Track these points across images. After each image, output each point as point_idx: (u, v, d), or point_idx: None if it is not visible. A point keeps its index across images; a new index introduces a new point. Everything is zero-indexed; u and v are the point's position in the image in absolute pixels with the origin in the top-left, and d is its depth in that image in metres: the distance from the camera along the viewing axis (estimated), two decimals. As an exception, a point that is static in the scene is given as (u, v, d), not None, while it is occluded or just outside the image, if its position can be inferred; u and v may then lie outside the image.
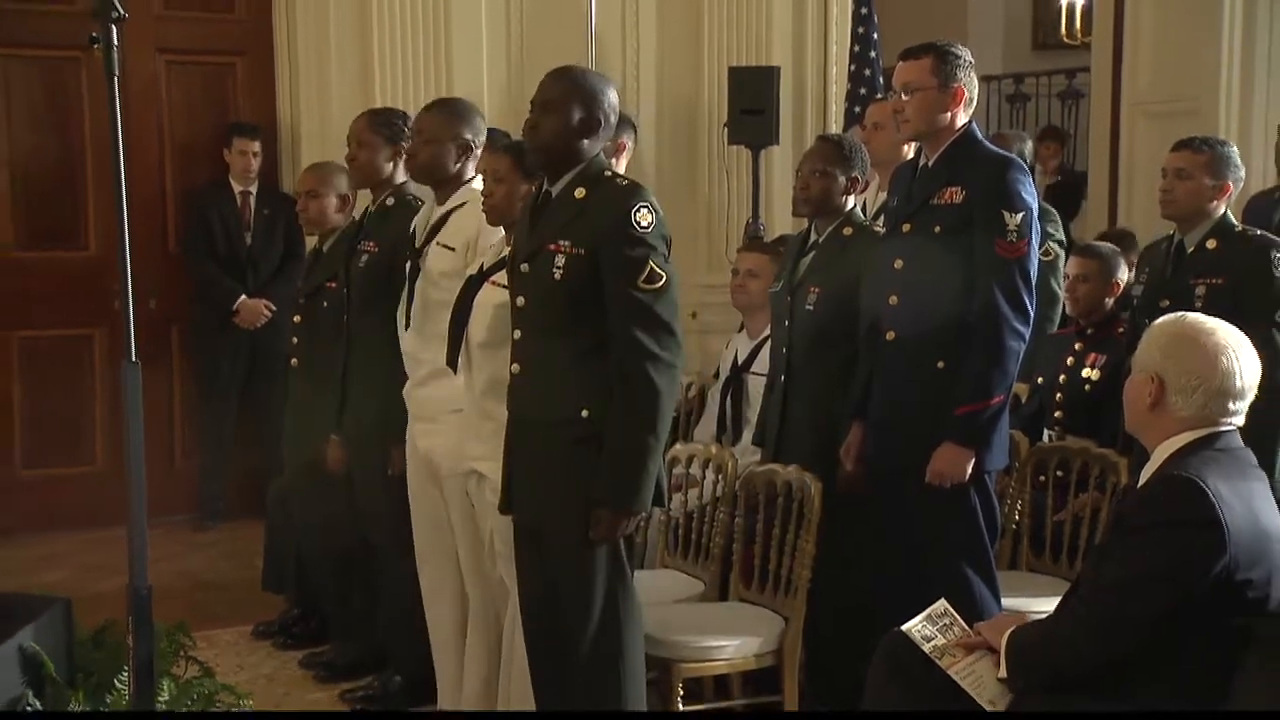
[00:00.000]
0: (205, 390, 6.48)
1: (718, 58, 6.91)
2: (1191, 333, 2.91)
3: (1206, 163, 4.19)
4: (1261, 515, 2.80)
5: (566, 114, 3.32)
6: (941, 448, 3.69)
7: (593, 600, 3.33)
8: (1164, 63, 8.09)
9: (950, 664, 2.97)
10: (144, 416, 5.54)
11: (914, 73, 3.79)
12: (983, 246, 3.68)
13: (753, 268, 4.85)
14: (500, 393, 3.52)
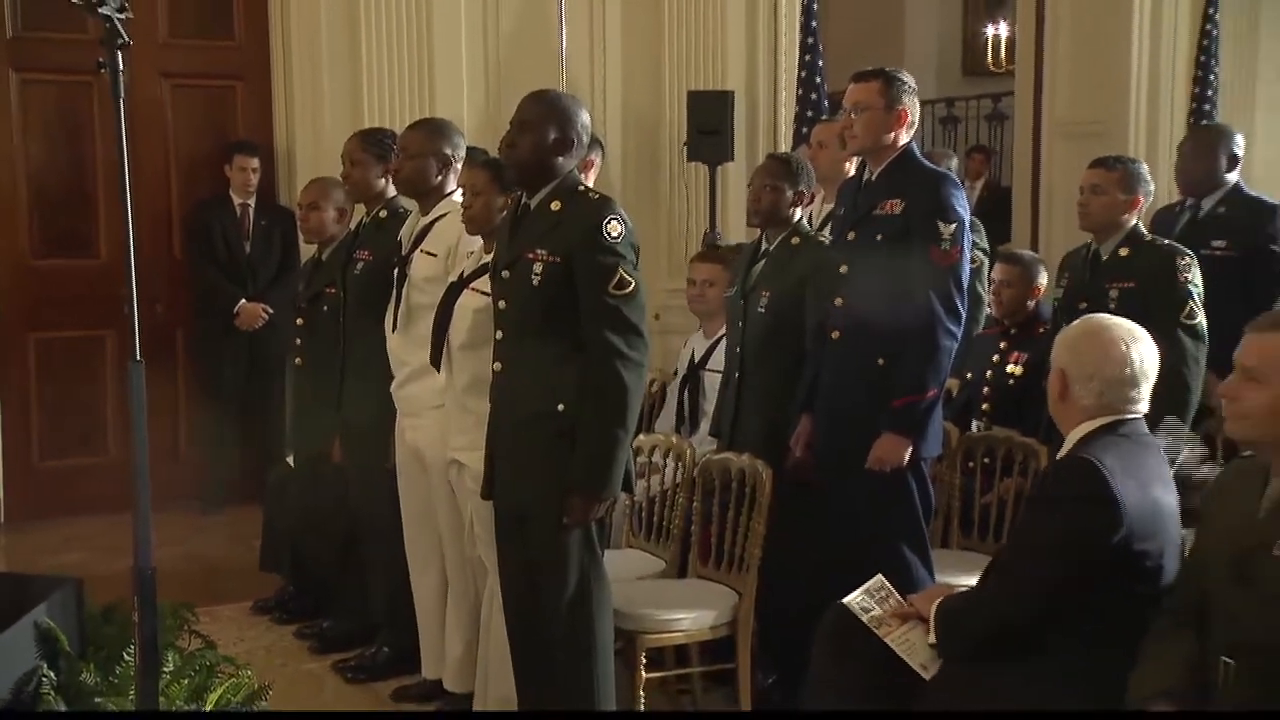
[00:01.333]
0: (208, 387, 6.45)
1: (677, 83, 6.91)
2: (1091, 329, 2.95)
3: (1119, 179, 4.21)
4: (1157, 497, 2.81)
5: (543, 133, 3.32)
6: (881, 437, 3.70)
7: (567, 577, 3.33)
8: (1079, 89, 8.14)
9: (886, 633, 2.98)
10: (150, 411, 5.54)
11: (863, 94, 3.79)
12: (920, 254, 3.68)
13: (708, 276, 4.85)
14: (480, 390, 3.51)
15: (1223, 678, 2.46)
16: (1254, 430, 2.48)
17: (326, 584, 4.84)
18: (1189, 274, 4.08)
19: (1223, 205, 4.71)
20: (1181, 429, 3.84)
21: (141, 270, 6.32)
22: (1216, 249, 4.50)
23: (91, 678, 2.82)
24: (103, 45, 2.07)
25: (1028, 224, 8.44)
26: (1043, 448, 3.98)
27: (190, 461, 6.49)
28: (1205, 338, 4.00)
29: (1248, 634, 2.42)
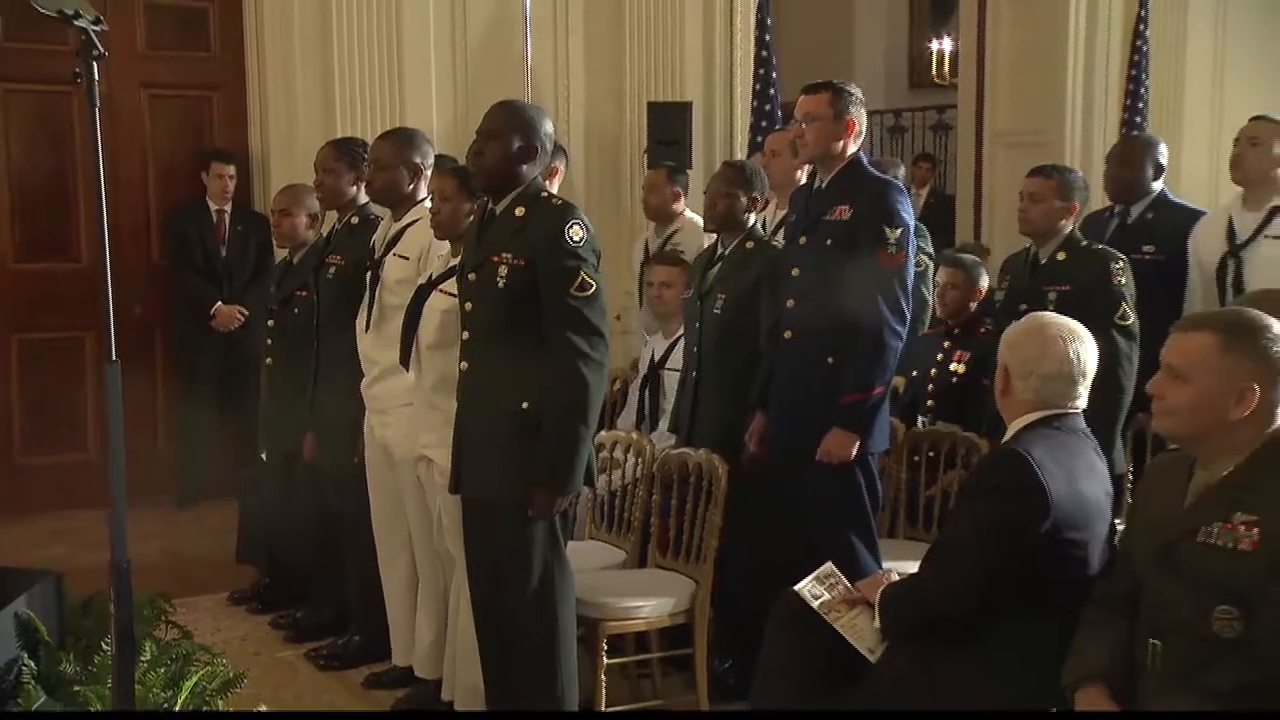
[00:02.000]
0: (185, 386, 6.39)
1: (638, 94, 6.92)
2: (1031, 326, 2.98)
3: (1056, 187, 4.23)
4: (1084, 487, 2.81)
5: (508, 142, 3.31)
6: (831, 432, 3.71)
7: (531, 568, 3.32)
8: (1019, 101, 8.22)
9: (835, 618, 2.99)
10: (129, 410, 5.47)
11: (813, 105, 3.81)
12: (867, 258, 3.70)
13: (666, 279, 4.85)
14: (447, 388, 3.50)
15: (1150, 659, 2.48)
16: (1179, 425, 2.49)
17: (300, 575, 4.82)
18: (1122, 277, 4.10)
19: (1150, 212, 4.74)
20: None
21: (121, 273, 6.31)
22: (1145, 254, 4.53)
23: (70, 667, 2.80)
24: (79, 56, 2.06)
25: (970, 229, 8.51)
26: (983, 441, 4.00)
27: (168, 458, 6.45)
28: (1137, 337, 4.02)
29: (1173, 617, 2.44)
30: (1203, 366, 2.43)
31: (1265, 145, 4.37)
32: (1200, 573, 2.40)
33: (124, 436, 2.27)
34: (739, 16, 7.08)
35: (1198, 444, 2.50)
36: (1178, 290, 4.50)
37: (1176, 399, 2.47)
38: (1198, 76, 8.02)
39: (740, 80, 7.11)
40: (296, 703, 4.10)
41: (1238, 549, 2.36)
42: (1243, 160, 4.42)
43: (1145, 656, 2.50)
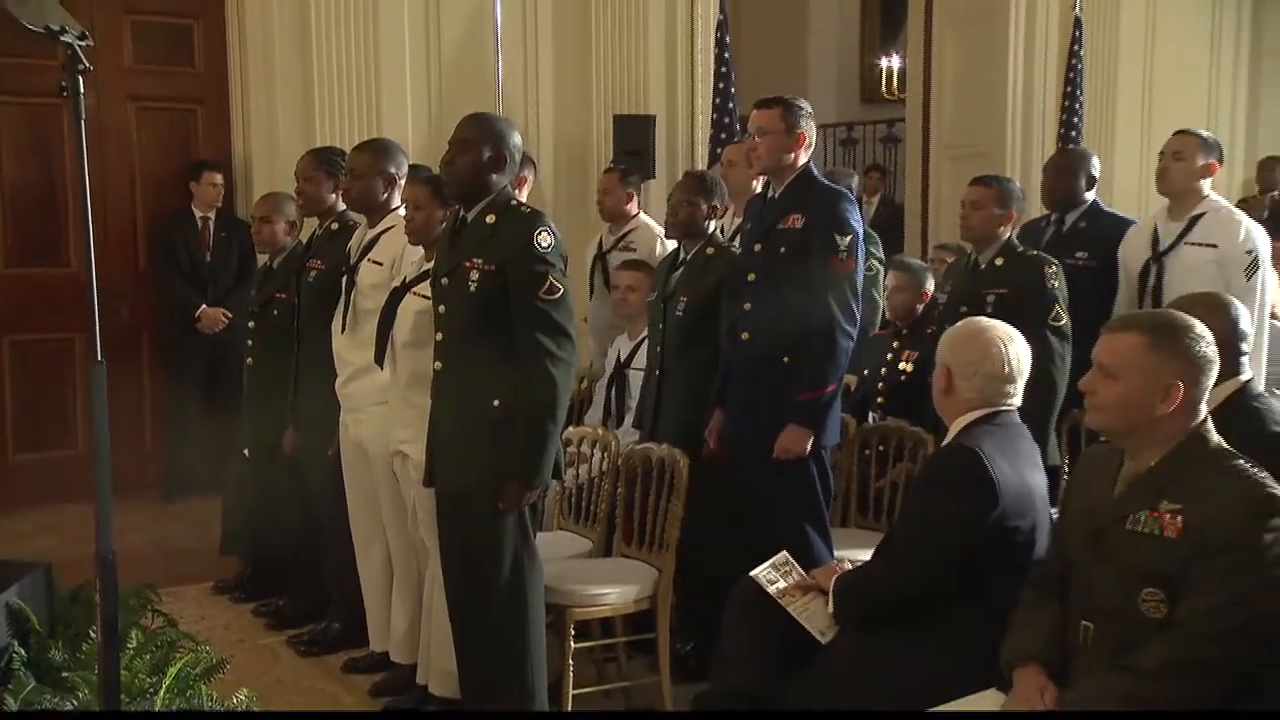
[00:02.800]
0: (171, 386, 6.35)
1: (604, 107, 6.91)
2: (970, 330, 3.00)
3: (995, 196, 4.26)
4: (1029, 479, 2.87)
5: (478, 152, 3.31)
6: (786, 428, 3.72)
7: (502, 558, 3.32)
8: (963, 116, 8.27)
9: (790, 603, 3.00)
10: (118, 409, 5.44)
11: (765, 119, 3.82)
12: (819, 263, 3.71)
13: (631, 283, 4.85)
14: (421, 385, 3.50)
15: (1083, 640, 2.50)
16: (1109, 420, 2.51)
17: (281, 566, 4.80)
18: (1055, 281, 4.14)
19: (1083, 220, 4.77)
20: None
21: (109, 278, 6.26)
22: (1078, 259, 4.56)
23: (59, 654, 2.78)
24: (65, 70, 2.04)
25: (918, 235, 8.56)
26: (929, 436, 4.02)
27: (155, 454, 6.42)
28: (1070, 338, 4.05)
29: (1104, 600, 2.46)
30: (1131, 365, 2.45)
31: (1188, 159, 4.40)
32: (1129, 558, 2.42)
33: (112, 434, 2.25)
34: (700, 35, 7.10)
35: (1126, 437, 2.51)
36: (1108, 294, 4.52)
37: (1106, 395, 2.49)
38: (1128, 94, 8.11)
39: (701, 95, 7.12)
40: (278, 687, 4.08)
41: (1163, 536, 2.38)
42: (1167, 173, 4.46)
43: (1077, 637, 2.52)
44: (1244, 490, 2.36)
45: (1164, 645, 2.34)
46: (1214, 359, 2.49)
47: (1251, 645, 2.30)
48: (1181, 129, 4.59)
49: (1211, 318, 2.64)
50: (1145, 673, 2.34)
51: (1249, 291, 4.20)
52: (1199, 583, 2.33)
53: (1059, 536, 2.74)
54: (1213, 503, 2.35)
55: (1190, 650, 2.31)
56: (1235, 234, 4.33)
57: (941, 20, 8.37)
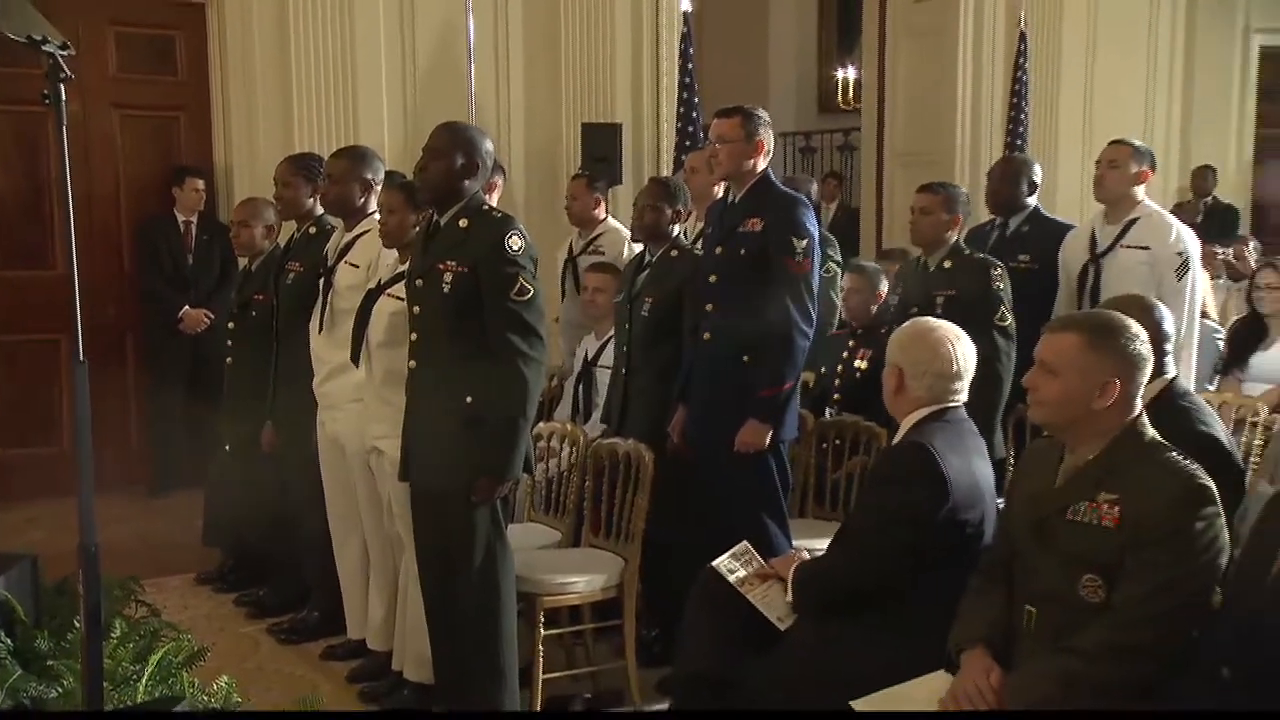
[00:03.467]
0: (155, 384, 6.29)
1: (573, 116, 6.91)
2: (920, 331, 3.00)
3: (942, 201, 4.29)
4: (977, 472, 2.89)
5: (451, 159, 3.30)
6: (746, 423, 3.73)
7: (475, 549, 3.31)
8: (914, 125, 8.32)
9: (749, 591, 3.01)
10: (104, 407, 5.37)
11: (726, 128, 3.82)
12: (777, 266, 3.72)
13: (599, 285, 4.84)
14: (395, 382, 3.49)
15: (1026, 623, 2.51)
16: (1050, 415, 2.53)
17: (262, 557, 4.77)
18: (1000, 283, 4.16)
19: (1026, 224, 4.79)
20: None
21: (94, 280, 6.19)
22: (1021, 262, 4.59)
23: (45, 644, 2.75)
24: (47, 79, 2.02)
25: (873, 239, 8.59)
26: (883, 431, 4.03)
27: (139, 450, 6.36)
28: (1014, 337, 4.08)
29: (1046, 586, 2.48)
30: (1070, 363, 2.47)
31: (1123, 167, 4.44)
32: (1069, 546, 2.44)
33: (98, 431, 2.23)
34: (664, 47, 7.10)
35: (1067, 431, 2.53)
36: (1050, 295, 4.55)
37: (1048, 391, 2.50)
38: (1070, 105, 8.19)
39: (665, 104, 7.12)
40: (258, 673, 4.05)
41: (1101, 525, 2.40)
42: (1104, 181, 4.50)
43: (1021, 621, 2.54)
44: (1176, 481, 2.38)
45: (1102, 628, 2.36)
46: (1148, 357, 2.51)
47: (1183, 627, 2.33)
48: (1116, 139, 4.64)
49: (1141, 318, 2.66)
50: (1085, 654, 2.36)
51: (1179, 292, 4.25)
52: (1135, 569, 2.35)
53: (1004, 526, 2.75)
54: (1147, 493, 2.37)
55: (1127, 633, 2.33)
56: (1167, 237, 4.38)
57: (894, 34, 8.42)
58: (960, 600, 2.68)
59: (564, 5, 6.84)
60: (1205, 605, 2.35)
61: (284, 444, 4.33)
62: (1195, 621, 2.33)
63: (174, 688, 2.62)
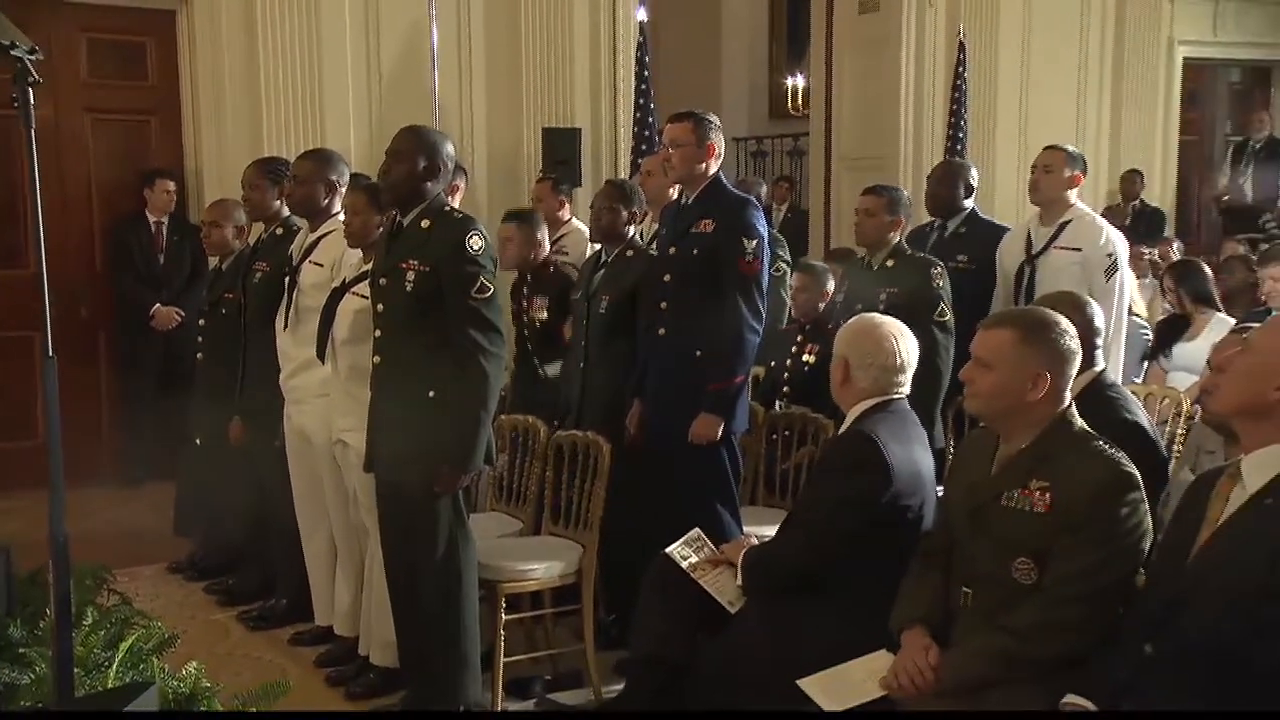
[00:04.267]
0: (127, 380, 6.22)
1: (534, 121, 6.87)
2: (866, 326, 3.02)
3: (885, 204, 4.30)
4: (918, 460, 2.91)
5: (413, 161, 3.27)
6: (699, 416, 3.73)
7: (438, 537, 3.30)
8: (860, 130, 8.36)
9: (701, 576, 3.02)
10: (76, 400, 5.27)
11: (678, 132, 3.81)
12: (727, 265, 3.72)
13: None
14: (360, 378, 3.46)
15: (963, 604, 2.54)
16: (985, 406, 2.56)
17: (232, 547, 4.73)
18: (940, 281, 4.19)
19: (964, 226, 4.82)
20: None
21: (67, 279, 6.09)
22: (959, 262, 4.61)
23: (18, 631, 2.71)
24: (15, 83, 1.98)
25: (821, 239, 8.63)
26: (829, 422, 4.04)
27: (112, 443, 6.28)
28: (953, 333, 4.11)
29: (981, 568, 2.51)
30: (1004, 357, 2.50)
31: (1056, 172, 4.48)
32: (1003, 530, 2.47)
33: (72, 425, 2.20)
34: (621, 55, 7.09)
35: (1001, 422, 2.56)
36: (986, 293, 4.59)
37: (983, 384, 2.53)
38: (1007, 111, 8.27)
39: (623, 109, 7.11)
40: (228, 659, 4.02)
41: (1033, 511, 2.43)
42: (1038, 185, 4.53)
43: (959, 601, 2.56)
44: (1103, 469, 2.42)
45: (1034, 608, 2.39)
46: (1077, 351, 2.55)
47: (1110, 606, 2.36)
48: (1050, 145, 4.68)
49: (1071, 315, 2.69)
50: (1017, 632, 2.39)
51: (1109, 291, 4.30)
52: (1064, 552, 2.38)
53: (943, 512, 2.78)
54: (1076, 480, 2.40)
55: (1057, 612, 2.37)
56: (1097, 239, 4.43)
57: (841, 45, 8.46)
58: (901, 582, 2.70)
59: (525, 14, 6.82)
60: (1130, 585, 2.38)
61: (253, 437, 4.28)
62: (1121, 601, 2.36)
63: (144, 673, 2.59)
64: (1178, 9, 9.04)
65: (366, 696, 3.65)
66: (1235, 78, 10.57)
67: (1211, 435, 3.08)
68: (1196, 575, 2.12)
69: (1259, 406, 2.09)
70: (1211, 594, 2.07)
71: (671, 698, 2.89)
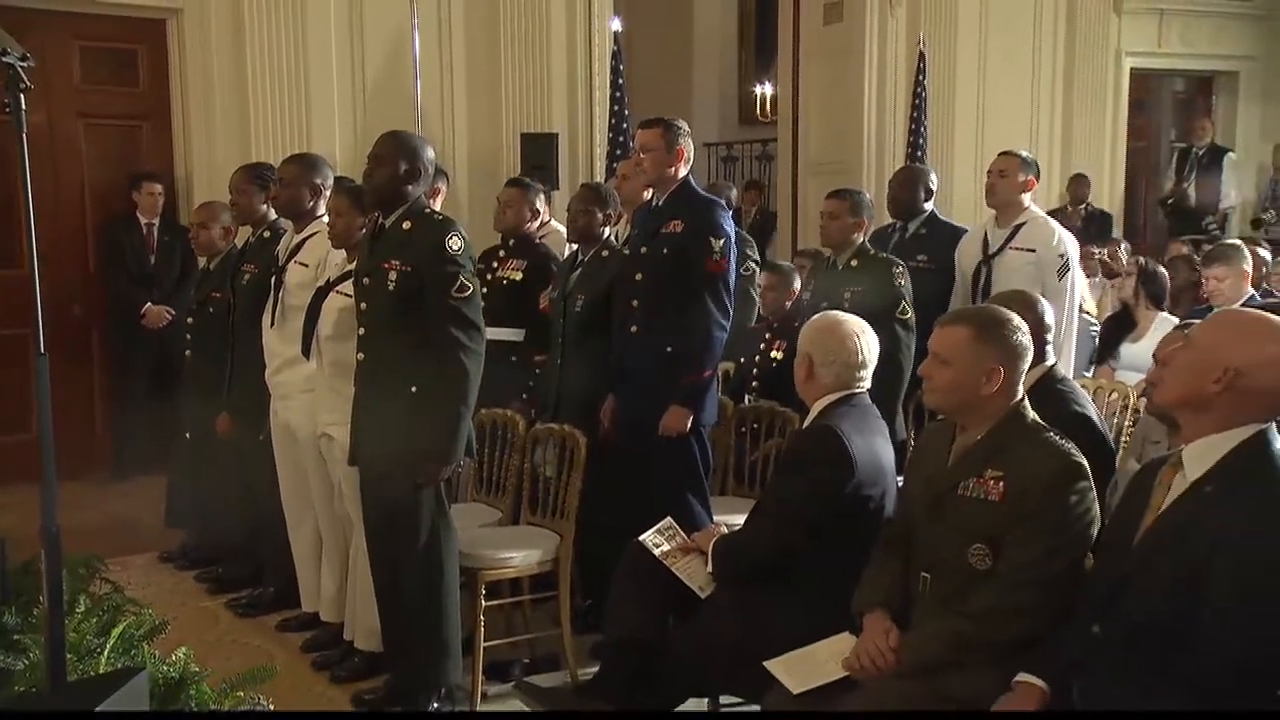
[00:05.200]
0: (120, 376, 6.16)
1: (512, 127, 6.86)
2: (829, 324, 3.02)
3: (849, 207, 4.32)
4: (880, 452, 2.91)
5: (395, 165, 3.26)
6: (670, 409, 3.74)
7: (420, 527, 3.29)
8: (825, 136, 8.39)
9: (673, 563, 3.02)
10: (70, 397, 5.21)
11: (649, 138, 3.81)
12: (696, 264, 3.73)
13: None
14: (344, 373, 3.45)
15: (922, 589, 2.55)
16: (942, 400, 2.56)
17: (221, 537, 4.68)
18: (902, 280, 4.21)
19: (923, 228, 4.85)
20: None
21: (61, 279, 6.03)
22: (920, 262, 4.63)
23: (12, 619, 2.69)
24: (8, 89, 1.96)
25: (789, 240, 8.65)
26: (795, 415, 4.06)
27: (105, 438, 6.22)
28: (914, 330, 4.13)
29: (939, 555, 2.51)
30: (960, 353, 2.50)
31: (1011, 177, 4.51)
32: (960, 518, 2.47)
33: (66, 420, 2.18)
34: (597, 63, 7.09)
35: (958, 414, 2.56)
36: (946, 291, 4.61)
37: (940, 379, 2.53)
38: (964, 118, 8.31)
39: (598, 115, 7.11)
40: (218, 644, 3.99)
41: (988, 499, 2.43)
42: (994, 189, 4.56)
43: (918, 586, 2.57)
44: (1054, 459, 2.43)
45: (989, 593, 2.39)
46: (1029, 347, 2.56)
47: (1061, 591, 2.38)
48: (1005, 150, 4.71)
49: (1023, 313, 2.70)
50: (973, 616, 2.39)
51: (1060, 290, 4.33)
52: (1018, 539, 2.39)
53: (903, 501, 2.78)
54: (1028, 471, 2.41)
55: (1011, 596, 2.37)
56: (1050, 240, 4.46)
57: (807, 54, 8.49)
58: (863, 569, 2.71)
59: (504, 23, 6.80)
60: (1080, 570, 2.40)
61: (240, 431, 4.25)
62: (1071, 585, 2.37)
63: (135, 659, 2.57)
64: (1125, 22, 9.11)
65: (351, 680, 3.63)
66: (1179, 87, 10.67)
67: (1157, 426, 3.11)
68: (1140, 559, 2.13)
69: (1199, 399, 2.10)
70: (1154, 577, 2.09)
71: (644, 679, 2.89)
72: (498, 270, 4.52)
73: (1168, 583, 2.05)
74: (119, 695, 1.89)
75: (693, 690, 3.00)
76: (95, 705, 1.83)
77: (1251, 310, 2.32)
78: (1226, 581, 1.97)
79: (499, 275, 4.49)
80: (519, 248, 4.57)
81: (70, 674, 2.24)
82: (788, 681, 2.53)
